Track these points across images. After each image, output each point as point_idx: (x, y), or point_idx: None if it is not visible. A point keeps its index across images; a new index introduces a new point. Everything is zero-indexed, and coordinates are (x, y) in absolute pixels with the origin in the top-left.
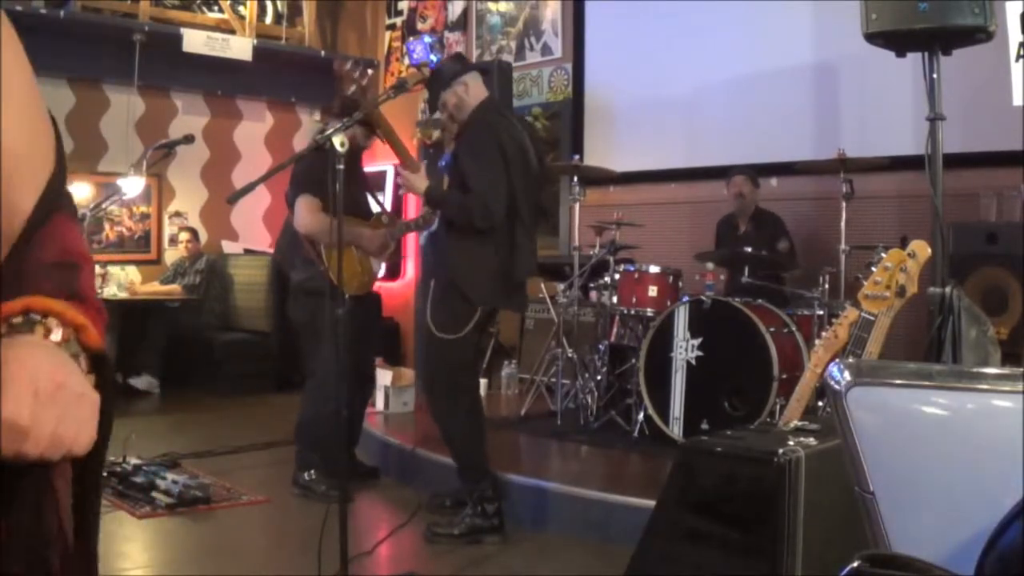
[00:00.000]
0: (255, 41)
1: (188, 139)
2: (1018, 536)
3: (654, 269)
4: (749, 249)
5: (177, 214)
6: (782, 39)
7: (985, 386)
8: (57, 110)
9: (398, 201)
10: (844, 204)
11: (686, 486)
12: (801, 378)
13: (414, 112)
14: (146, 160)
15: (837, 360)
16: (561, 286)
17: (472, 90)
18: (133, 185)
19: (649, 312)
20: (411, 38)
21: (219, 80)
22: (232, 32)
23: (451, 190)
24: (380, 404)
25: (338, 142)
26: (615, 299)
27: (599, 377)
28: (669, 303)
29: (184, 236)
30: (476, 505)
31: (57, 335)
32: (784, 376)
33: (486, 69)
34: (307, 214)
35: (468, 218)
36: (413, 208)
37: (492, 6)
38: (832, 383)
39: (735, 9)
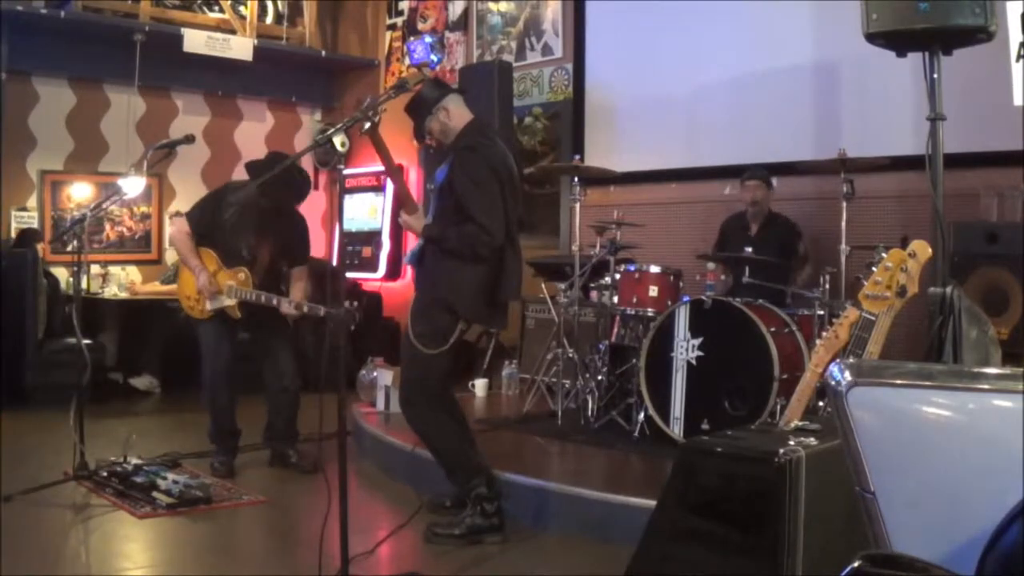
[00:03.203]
0: (255, 41)
1: (188, 139)
2: (1018, 536)
3: (655, 269)
4: (750, 249)
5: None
6: (782, 39)
7: (986, 386)
8: (57, 110)
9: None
10: (845, 204)
11: (686, 486)
12: (802, 378)
13: None
14: (147, 160)
15: (838, 360)
16: (562, 286)
17: (454, 114)
18: (134, 185)
19: (650, 312)
20: (412, 38)
21: (219, 80)
22: (232, 32)
23: (448, 226)
24: (380, 404)
25: (338, 142)
26: (616, 299)
27: (600, 377)
28: (670, 303)
29: None
30: (475, 505)
31: None
32: (785, 376)
33: (465, 90)
34: (175, 230)
35: (470, 248)
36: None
37: (493, 6)
38: (833, 383)
39: (735, 9)
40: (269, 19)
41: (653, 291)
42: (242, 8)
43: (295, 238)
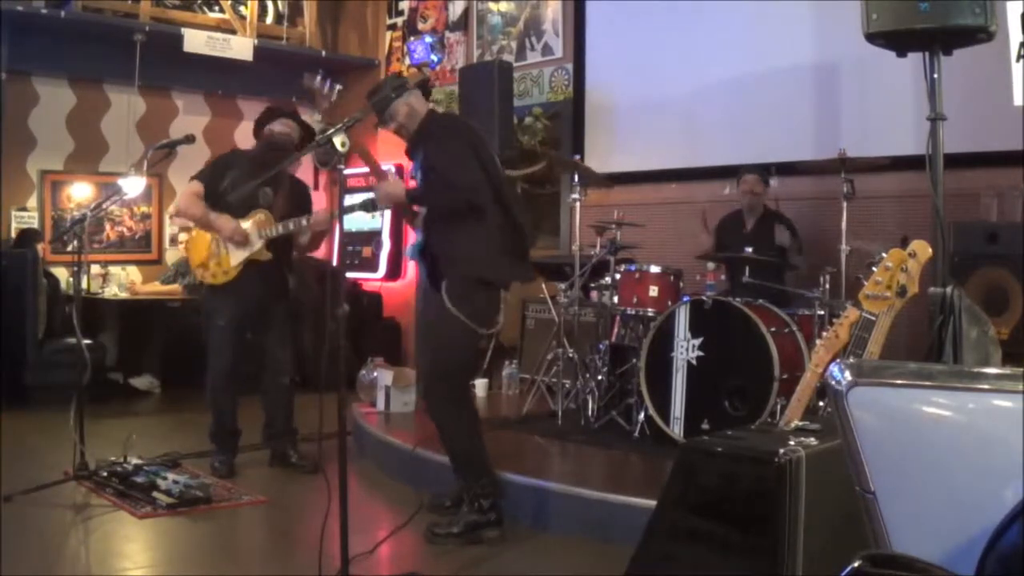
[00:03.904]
0: (256, 41)
1: (189, 139)
2: (1018, 536)
3: (655, 269)
4: (750, 249)
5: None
6: (782, 39)
7: (986, 386)
8: (58, 110)
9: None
10: (845, 204)
11: (686, 486)
12: (802, 378)
13: None
14: (147, 160)
15: (838, 360)
16: (562, 286)
17: (419, 101)
18: (134, 185)
19: (650, 312)
20: (412, 38)
21: (220, 80)
22: (233, 32)
23: (428, 184)
24: (381, 404)
25: (339, 142)
26: (616, 299)
27: (600, 377)
28: (670, 303)
29: (184, 236)
30: (472, 502)
31: None
32: (785, 376)
33: (426, 84)
34: (183, 195)
35: (452, 197)
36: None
37: (493, 6)
38: (833, 383)
39: (735, 9)
40: (269, 19)
41: (653, 291)
42: (242, 8)
43: (301, 190)
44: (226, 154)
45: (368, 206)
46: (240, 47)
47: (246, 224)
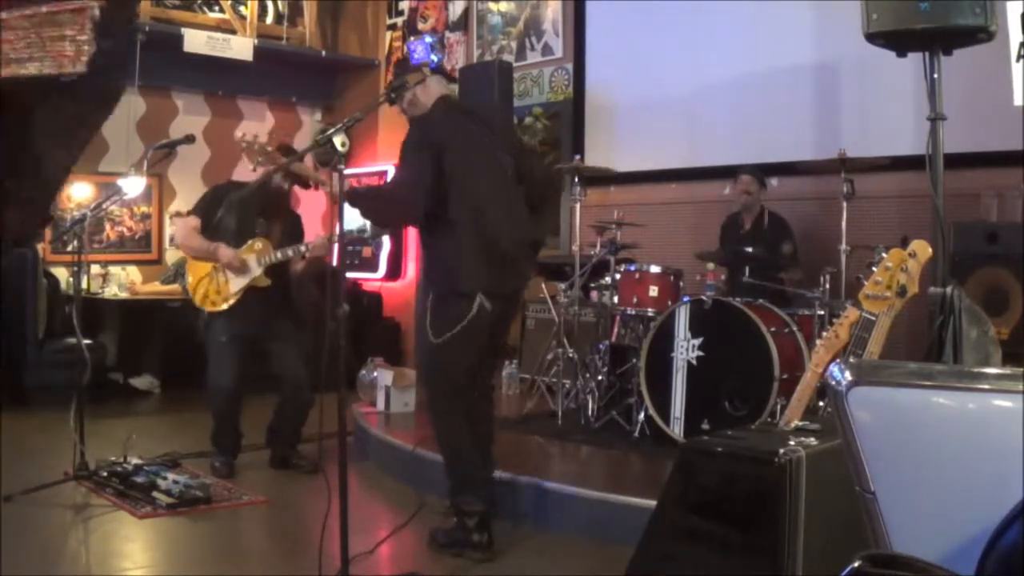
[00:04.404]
0: (256, 41)
1: (189, 139)
2: (1018, 536)
3: (655, 269)
4: (750, 249)
5: (178, 214)
6: (782, 39)
7: (986, 386)
8: None
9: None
10: (845, 204)
11: (686, 486)
12: (802, 378)
13: None
14: (147, 160)
15: (838, 360)
16: (562, 286)
17: (431, 90)
18: (134, 185)
19: (650, 312)
20: (412, 38)
21: (220, 80)
22: (233, 32)
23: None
24: (381, 404)
25: (339, 142)
26: (616, 299)
27: (600, 377)
28: (670, 303)
29: None
30: (459, 519)
31: None
32: (785, 376)
33: (452, 78)
34: (181, 230)
35: (377, 206)
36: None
37: (493, 6)
38: (833, 383)
39: (736, 9)
40: (269, 19)
41: (653, 291)
42: (242, 8)
43: (295, 222)
44: (220, 186)
45: (365, 231)
46: (240, 47)
47: (247, 254)
